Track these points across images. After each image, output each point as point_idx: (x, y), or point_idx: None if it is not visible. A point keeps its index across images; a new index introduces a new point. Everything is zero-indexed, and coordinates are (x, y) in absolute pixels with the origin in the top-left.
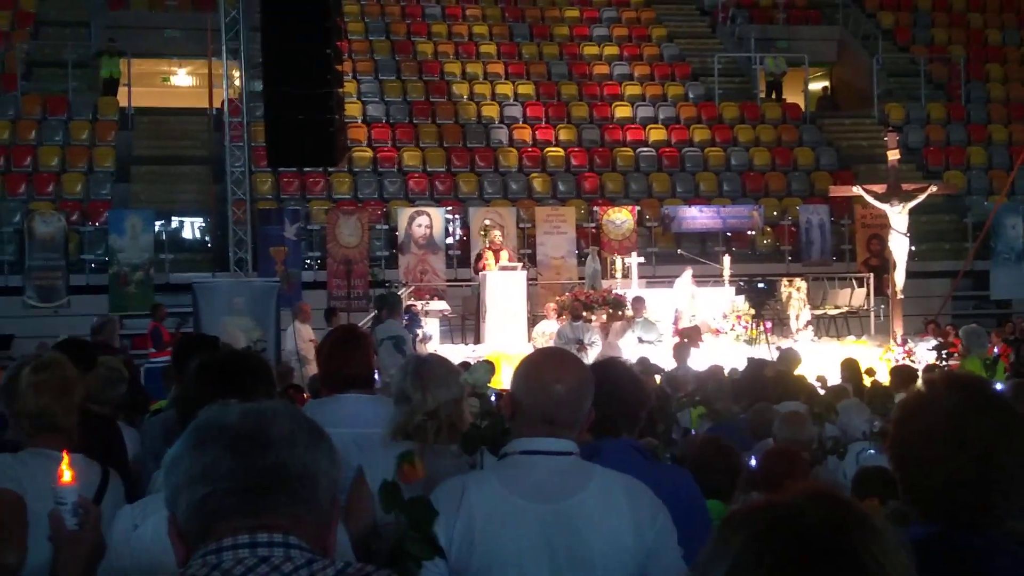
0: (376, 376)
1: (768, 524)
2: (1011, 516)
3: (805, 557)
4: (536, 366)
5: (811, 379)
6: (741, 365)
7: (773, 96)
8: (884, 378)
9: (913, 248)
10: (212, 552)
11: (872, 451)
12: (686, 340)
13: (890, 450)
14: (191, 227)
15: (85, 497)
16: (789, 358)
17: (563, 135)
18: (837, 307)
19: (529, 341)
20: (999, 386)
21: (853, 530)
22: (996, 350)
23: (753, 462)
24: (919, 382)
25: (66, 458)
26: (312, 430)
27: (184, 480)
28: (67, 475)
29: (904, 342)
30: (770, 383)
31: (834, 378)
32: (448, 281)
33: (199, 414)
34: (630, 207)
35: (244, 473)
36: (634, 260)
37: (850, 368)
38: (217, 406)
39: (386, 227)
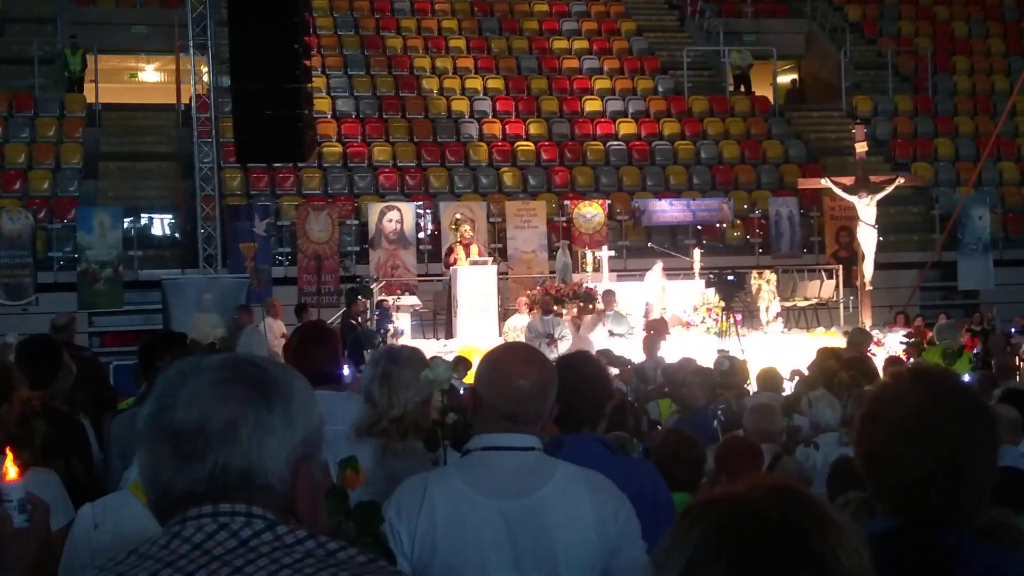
0: (346, 371)
1: (726, 517)
2: (979, 511)
3: (763, 550)
4: (499, 362)
5: (784, 373)
6: (711, 358)
7: (741, 89)
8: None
9: (881, 239)
10: (177, 523)
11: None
12: (653, 332)
13: (856, 446)
14: (160, 224)
15: (33, 494)
16: (860, 341)
17: (533, 129)
18: (807, 299)
19: (500, 335)
20: (966, 377)
21: (810, 523)
22: (962, 341)
23: None
24: (881, 375)
25: (9, 455)
26: (260, 404)
27: (143, 478)
28: (12, 472)
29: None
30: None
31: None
32: (419, 276)
33: (157, 387)
34: (600, 201)
35: (187, 479)
36: (605, 254)
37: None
38: (173, 377)
39: (356, 222)
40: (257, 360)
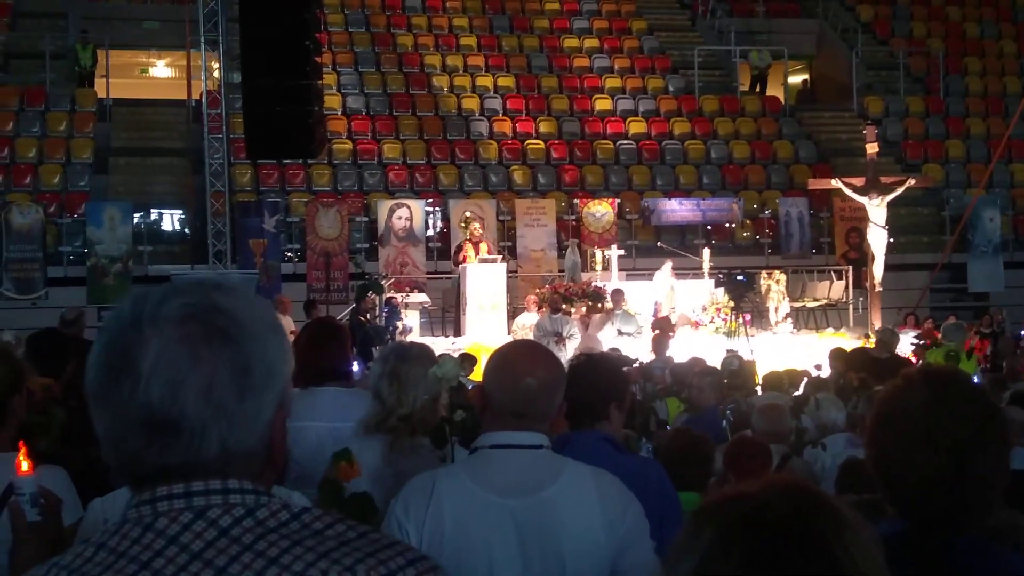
0: (355, 367)
1: (738, 516)
2: (988, 513)
3: (775, 549)
4: (508, 359)
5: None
6: (719, 358)
7: (757, 89)
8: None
9: (891, 241)
10: (146, 503)
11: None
12: (658, 332)
13: (867, 448)
14: (170, 219)
15: (45, 488)
16: (890, 341)
17: (543, 127)
18: (816, 300)
19: (509, 333)
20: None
21: (823, 522)
22: (971, 343)
23: None
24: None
25: (23, 449)
26: (237, 359)
27: (101, 439)
28: (24, 466)
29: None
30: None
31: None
32: (428, 273)
33: (109, 332)
34: (610, 200)
35: (160, 453)
36: (614, 253)
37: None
38: (127, 325)
39: (366, 219)
40: (220, 303)
